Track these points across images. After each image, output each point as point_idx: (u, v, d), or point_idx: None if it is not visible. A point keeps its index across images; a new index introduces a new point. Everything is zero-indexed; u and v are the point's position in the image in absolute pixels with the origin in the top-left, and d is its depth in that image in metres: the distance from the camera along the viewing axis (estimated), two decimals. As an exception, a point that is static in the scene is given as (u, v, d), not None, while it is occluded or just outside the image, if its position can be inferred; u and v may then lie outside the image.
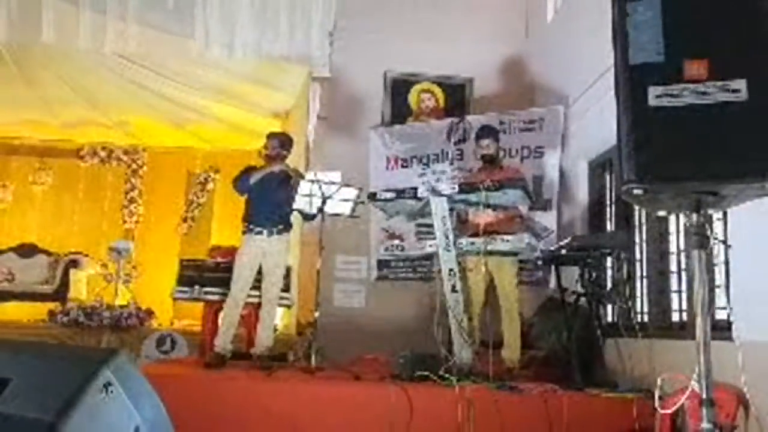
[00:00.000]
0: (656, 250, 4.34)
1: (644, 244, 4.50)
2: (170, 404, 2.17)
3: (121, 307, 6.56)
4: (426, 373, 3.80)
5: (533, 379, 4.17)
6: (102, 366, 1.94)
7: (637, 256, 4.57)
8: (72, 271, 7.91)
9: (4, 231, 9.05)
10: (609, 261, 4.81)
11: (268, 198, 4.53)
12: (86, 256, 8.33)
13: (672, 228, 4.22)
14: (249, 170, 4.66)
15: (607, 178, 5.21)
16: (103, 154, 9.24)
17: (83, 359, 2.04)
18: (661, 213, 2.34)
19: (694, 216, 2.00)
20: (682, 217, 2.69)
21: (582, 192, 5.46)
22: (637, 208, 4.40)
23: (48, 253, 8.40)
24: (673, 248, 4.21)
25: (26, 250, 8.45)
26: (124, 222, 9.05)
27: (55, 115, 8.20)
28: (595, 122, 4.98)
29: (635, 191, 1.98)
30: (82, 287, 8.10)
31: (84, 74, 7.12)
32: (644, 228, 4.50)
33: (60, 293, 7.71)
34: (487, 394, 3.60)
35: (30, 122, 8.48)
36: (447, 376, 3.77)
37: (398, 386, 3.61)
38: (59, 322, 6.28)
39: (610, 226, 5.08)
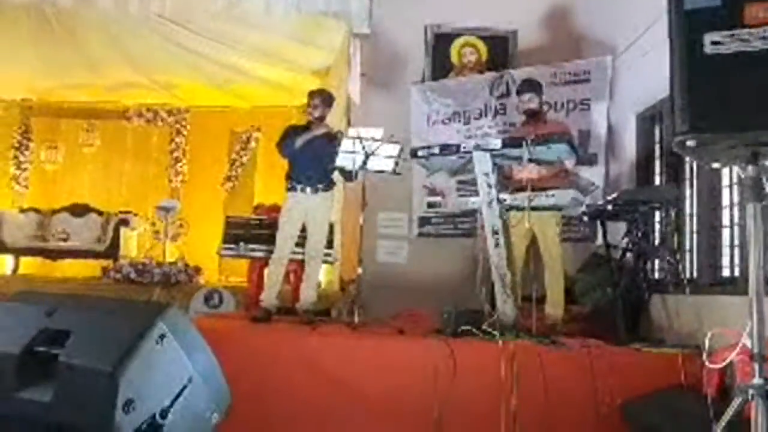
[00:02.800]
0: (707, 204, 4.22)
1: (694, 198, 4.38)
2: (218, 356, 2.25)
3: (170, 264, 6.76)
4: (469, 328, 3.82)
5: (577, 334, 4.16)
6: (157, 318, 2.01)
7: (687, 210, 4.46)
8: (122, 230, 8.15)
9: (57, 191, 9.35)
10: (657, 216, 4.72)
11: (311, 156, 4.56)
12: (135, 215, 8.56)
13: (725, 181, 4.08)
14: (292, 131, 4.68)
15: (656, 131, 5.05)
16: (148, 115, 9.37)
17: (139, 312, 2.13)
18: (715, 165, 2.25)
19: (750, 168, 1.93)
20: (736, 169, 2.60)
21: (630, 146, 5.32)
22: (687, 161, 4.27)
23: (99, 213, 8.65)
24: (725, 202, 4.08)
25: (79, 210, 8.72)
26: (170, 181, 9.23)
27: (101, 78, 8.32)
28: (644, 73, 4.81)
29: (688, 143, 1.91)
30: (132, 245, 8.35)
31: (129, 37, 7.18)
32: (695, 181, 4.37)
33: (112, 251, 7.96)
34: (530, 349, 3.61)
35: (77, 85, 8.64)
36: (490, 331, 3.79)
37: (442, 341, 3.65)
38: (112, 278, 6.52)
39: (658, 181, 4.95)
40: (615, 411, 3.41)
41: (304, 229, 4.67)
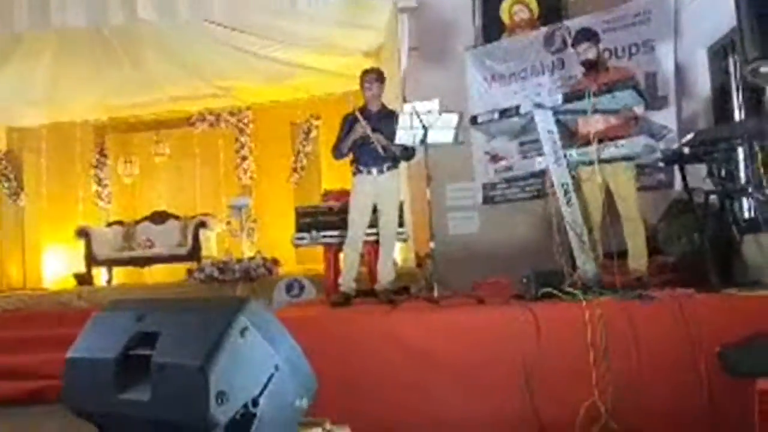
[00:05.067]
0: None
1: (780, 129, 4.10)
2: (303, 343, 2.29)
3: (249, 259, 6.95)
4: (550, 290, 3.74)
5: (665, 285, 4.00)
6: (237, 313, 2.06)
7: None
8: (201, 231, 8.45)
9: (136, 203, 9.82)
10: (740, 154, 4.45)
11: (370, 141, 4.56)
12: (211, 216, 8.86)
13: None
14: (344, 130, 4.68)
15: (731, 62, 4.74)
16: (211, 118, 9.65)
17: (220, 309, 2.19)
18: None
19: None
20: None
21: (702, 83, 5.03)
22: None
23: (177, 218, 9.02)
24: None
25: (159, 218, 9.13)
26: (240, 180, 9.50)
27: (163, 89, 8.63)
28: (710, 3, 4.52)
29: (762, 69, 1.80)
30: (212, 245, 8.66)
31: (182, 46, 7.41)
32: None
33: (194, 253, 8.28)
34: (616, 305, 3.50)
35: (142, 99, 8.99)
36: (572, 291, 3.69)
37: (523, 306, 3.59)
38: (196, 278, 6.77)
39: (738, 115, 4.66)
40: (713, 360, 3.26)
41: (374, 211, 4.69)
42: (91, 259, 8.67)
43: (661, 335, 3.39)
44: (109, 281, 8.77)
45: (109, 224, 9.33)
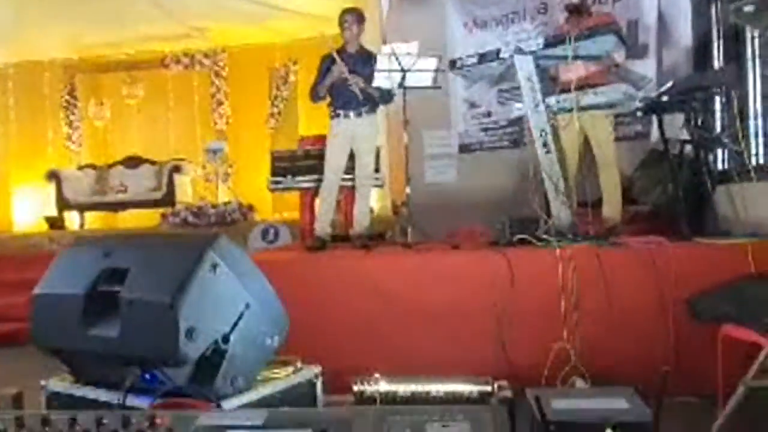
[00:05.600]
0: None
1: (757, 79, 4.09)
2: (277, 286, 2.27)
3: (225, 204, 6.89)
4: (525, 236, 3.75)
5: (637, 234, 4.04)
6: (207, 249, 2.03)
7: (750, 94, 4.18)
8: (176, 176, 8.32)
9: (109, 146, 9.60)
10: (718, 104, 4.45)
11: (347, 84, 4.47)
12: (186, 160, 8.72)
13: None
14: (321, 72, 4.58)
15: (713, 10, 4.69)
16: (186, 60, 9.38)
17: (190, 245, 2.16)
18: (778, 32, 2.07)
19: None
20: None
21: (684, 31, 4.98)
22: (748, 39, 3.96)
23: (152, 162, 8.86)
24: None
25: (132, 162, 8.95)
26: (215, 124, 9.32)
27: (137, 30, 8.34)
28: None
29: (746, 8, 1.76)
30: (186, 190, 8.54)
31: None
32: (757, 61, 4.07)
33: (168, 198, 8.17)
34: (589, 252, 3.52)
35: (115, 39, 8.69)
36: (547, 237, 3.71)
37: (497, 252, 3.61)
38: (171, 223, 6.71)
39: (717, 66, 4.64)
40: (681, 307, 3.32)
41: (350, 157, 4.64)
42: (63, 203, 8.52)
43: (631, 282, 3.43)
44: (81, 225, 8.64)
45: (81, 167, 9.13)
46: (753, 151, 4.17)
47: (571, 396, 1.30)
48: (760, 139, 4.12)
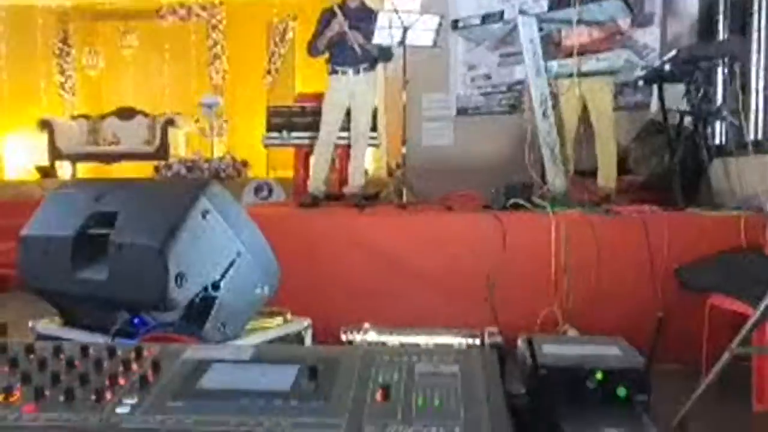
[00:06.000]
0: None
1: (762, 52, 4.05)
2: (269, 239, 2.25)
3: (219, 159, 6.83)
4: (519, 201, 3.75)
5: (632, 204, 4.04)
6: (199, 195, 2.00)
7: (753, 67, 4.14)
8: (170, 130, 8.23)
9: (102, 97, 9.46)
10: (720, 76, 4.41)
11: (347, 40, 4.39)
12: (180, 114, 8.61)
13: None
14: (321, 25, 4.49)
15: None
16: (182, 11, 9.20)
17: (181, 190, 2.13)
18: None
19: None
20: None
21: (690, 1, 4.90)
22: (755, 11, 3.91)
23: (146, 115, 8.75)
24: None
25: (126, 114, 8.84)
26: (211, 79, 9.19)
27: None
28: None
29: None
30: (180, 144, 8.47)
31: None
32: (762, 32, 4.02)
33: (161, 151, 8.10)
34: (582, 218, 3.52)
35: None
36: (540, 202, 3.71)
37: (491, 215, 3.60)
38: (163, 176, 6.66)
39: (723, 37, 4.58)
40: (671, 276, 3.34)
41: (347, 115, 4.59)
42: (55, 153, 8.43)
43: (622, 250, 3.45)
44: (73, 176, 8.56)
45: (74, 117, 9.01)
46: (752, 126, 4.14)
47: (563, 342, 1.31)
48: (760, 114, 4.09)
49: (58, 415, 0.86)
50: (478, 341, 1.41)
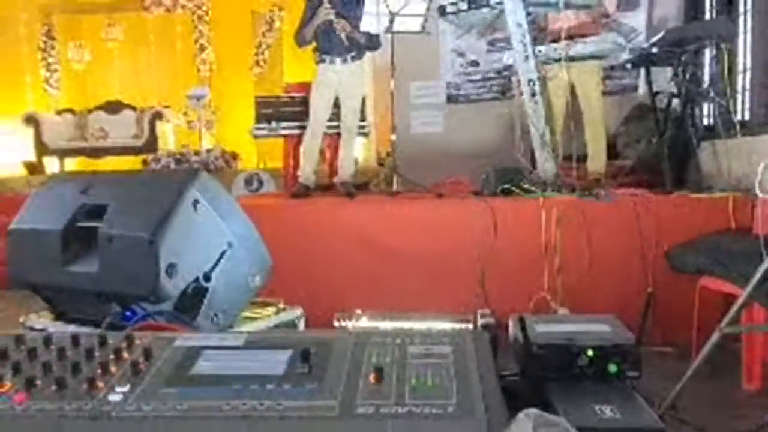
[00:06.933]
0: (763, 35, 3.89)
1: (748, 34, 4.06)
2: (260, 230, 2.25)
3: (208, 151, 6.80)
4: (509, 186, 3.75)
5: (621, 188, 4.06)
6: (189, 185, 1.99)
7: (740, 49, 4.15)
8: (158, 123, 8.18)
9: (88, 90, 9.37)
10: (707, 57, 4.42)
11: (334, 28, 4.36)
12: (168, 107, 8.55)
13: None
14: (307, 14, 4.46)
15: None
16: (167, 2, 9.10)
17: (170, 181, 2.11)
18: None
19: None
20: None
21: (676, -18, 4.92)
22: (741, -8, 3.91)
23: (133, 108, 8.68)
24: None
25: (113, 107, 8.76)
26: (199, 71, 9.11)
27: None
28: None
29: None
30: (168, 138, 8.41)
31: None
32: (748, 14, 4.03)
33: (150, 145, 8.04)
34: (572, 203, 3.54)
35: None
36: (531, 188, 3.72)
37: (482, 201, 3.61)
38: (152, 170, 6.60)
39: (709, 17, 4.59)
40: (661, 258, 3.36)
41: (336, 104, 4.57)
42: (42, 148, 8.36)
43: (613, 233, 3.47)
44: (61, 171, 8.49)
45: (60, 112, 8.92)
46: (738, 107, 4.17)
47: (554, 321, 1.31)
48: (746, 96, 4.11)
49: (50, 405, 0.85)
50: (470, 326, 1.41)
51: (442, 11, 4.16)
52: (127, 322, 1.98)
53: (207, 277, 2.02)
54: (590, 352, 1.01)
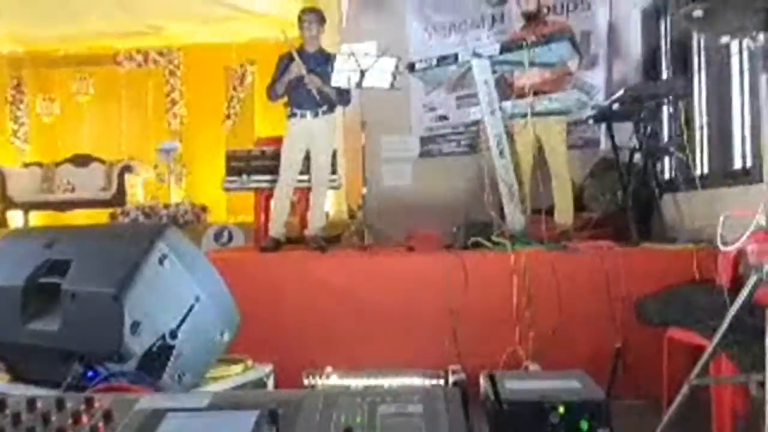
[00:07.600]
0: (717, 91, 4.07)
1: (703, 91, 4.24)
2: (230, 285, 2.21)
3: (177, 205, 6.74)
4: (479, 239, 3.79)
5: (588, 240, 4.12)
6: (156, 240, 1.97)
7: (696, 104, 4.32)
8: (127, 176, 8.11)
9: (56, 144, 9.28)
10: (665, 113, 4.59)
11: (304, 84, 4.44)
12: (138, 161, 8.50)
13: (734, 70, 3.92)
14: (279, 70, 4.56)
15: (662, 22, 4.85)
16: (139, 57, 9.17)
17: (136, 236, 2.09)
18: (724, 39, 2.14)
19: (762, 36, 1.82)
20: (747, 46, 2.48)
21: (634, 43, 5.14)
22: (695, 52, 4.11)
23: (102, 161, 8.60)
24: (735, 90, 3.94)
25: (81, 160, 8.67)
26: (169, 124, 9.11)
27: (89, 24, 8.11)
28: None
29: (695, 13, 1.81)
30: (138, 191, 8.32)
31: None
32: (703, 73, 4.21)
33: (118, 198, 7.94)
34: (541, 255, 3.58)
35: (65, 33, 8.43)
36: (500, 241, 3.75)
37: (452, 254, 3.63)
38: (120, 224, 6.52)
39: (666, 76, 4.79)
40: (629, 310, 3.39)
41: (307, 158, 4.60)
42: (6, 202, 8.20)
43: (581, 285, 3.50)
44: (25, 225, 8.32)
45: (26, 165, 8.81)
46: (698, 161, 4.31)
47: (525, 378, 1.31)
48: (704, 149, 4.26)
49: (3, 474, 0.81)
50: (441, 381, 1.40)
51: (411, 67, 4.28)
52: (88, 382, 1.91)
53: (173, 335, 1.98)
54: (561, 409, 1.01)
